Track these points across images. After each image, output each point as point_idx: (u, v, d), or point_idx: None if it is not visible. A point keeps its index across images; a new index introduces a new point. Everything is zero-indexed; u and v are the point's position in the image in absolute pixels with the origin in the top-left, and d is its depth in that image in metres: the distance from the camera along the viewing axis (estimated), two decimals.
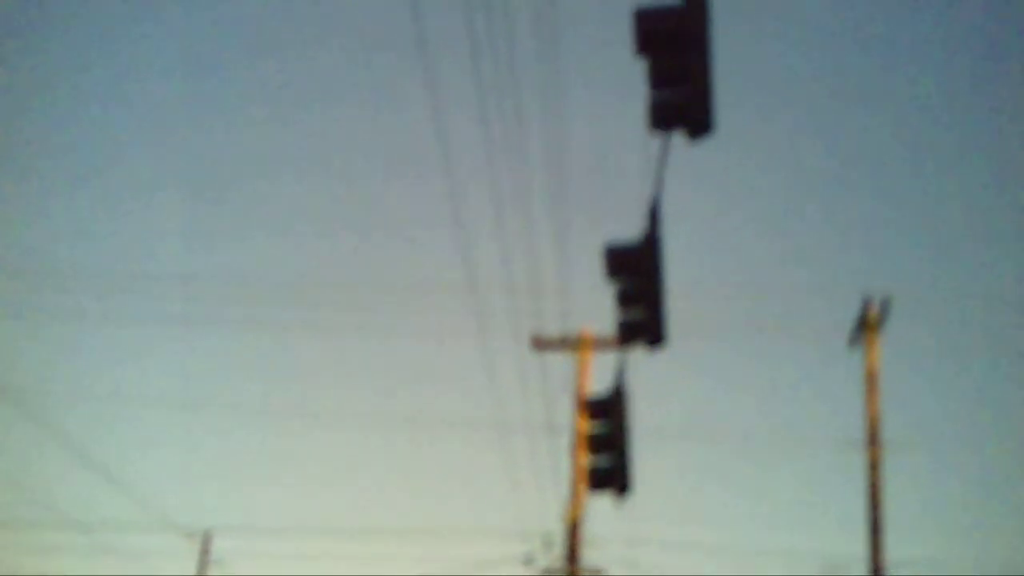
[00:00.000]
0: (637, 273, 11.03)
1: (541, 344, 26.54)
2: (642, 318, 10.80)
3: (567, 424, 26.62)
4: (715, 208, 63.12)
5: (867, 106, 62.90)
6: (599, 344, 26.55)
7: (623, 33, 9.69)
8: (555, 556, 27.37)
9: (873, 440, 24.29)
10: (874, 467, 24.16)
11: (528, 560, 28.19)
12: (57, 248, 54.93)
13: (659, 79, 9.21)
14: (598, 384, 25.84)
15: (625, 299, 11.01)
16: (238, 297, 32.18)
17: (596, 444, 16.86)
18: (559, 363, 26.86)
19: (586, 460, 18.31)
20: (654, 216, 11.57)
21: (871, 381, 24.72)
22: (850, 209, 63.00)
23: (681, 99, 8.97)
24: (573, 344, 26.63)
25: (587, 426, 17.01)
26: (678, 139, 9.86)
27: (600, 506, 26.82)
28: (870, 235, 60.67)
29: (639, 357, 16.86)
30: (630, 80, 10.08)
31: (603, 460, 16.76)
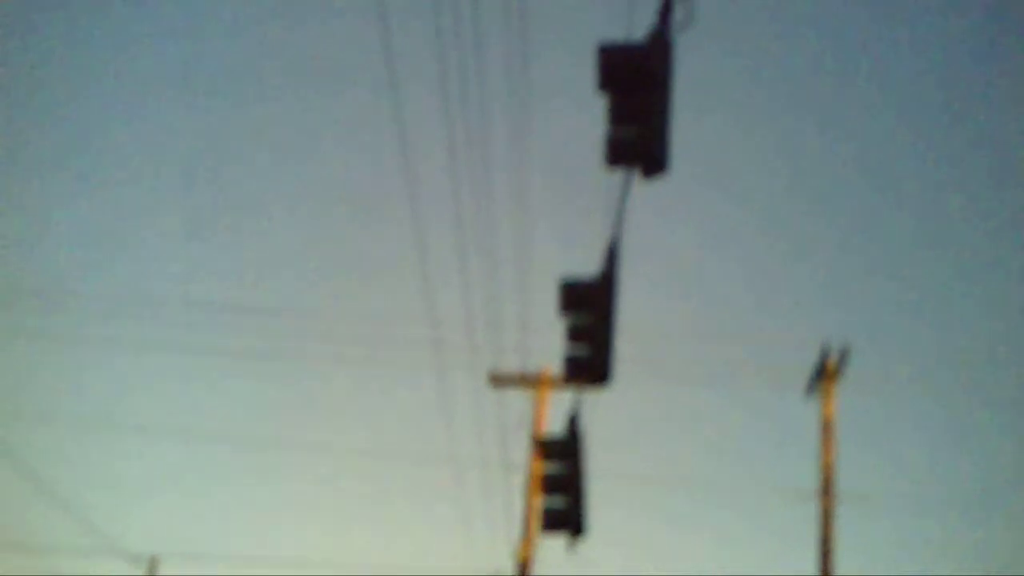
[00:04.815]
0: (590, 310, 10.98)
1: (499, 380, 26.41)
2: (588, 355, 10.75)
3: (523, 462, 26.50)
4: (676, 251, 63.32)
5: (830, 150, 63.38)
6: (558, 383, 26.45)
7: (588, 71, 9.70)
8: None
9: (827, 490, 24.26)
10: (827, 517, 24.11)
11: None
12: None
13: (618, 115, 9.20)
14: (556, 423, 25.75)
15: (575, 334, 10.97)
16: (197, 324, 31.93)
17: (551, 485, 16.81)
18: (517, 400, 26.77)
19: (540, 500, 18.20)
20: (612, 254, 11.53)
21: (827, 430, 24.72)
22: (812, 255, 63.36)
23: (637, 137, 8.95)
24: (532, 382, 26.52)
25: (542, 466, 16.94)
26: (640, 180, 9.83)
27: (552, 547, 26.64)
28: (831, 282, 61.00)
29: (596, 399, 16.81)
30: (596, 120, 10.08)
31: (558, 501, 16.73)
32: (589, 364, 10.60)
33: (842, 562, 23.73)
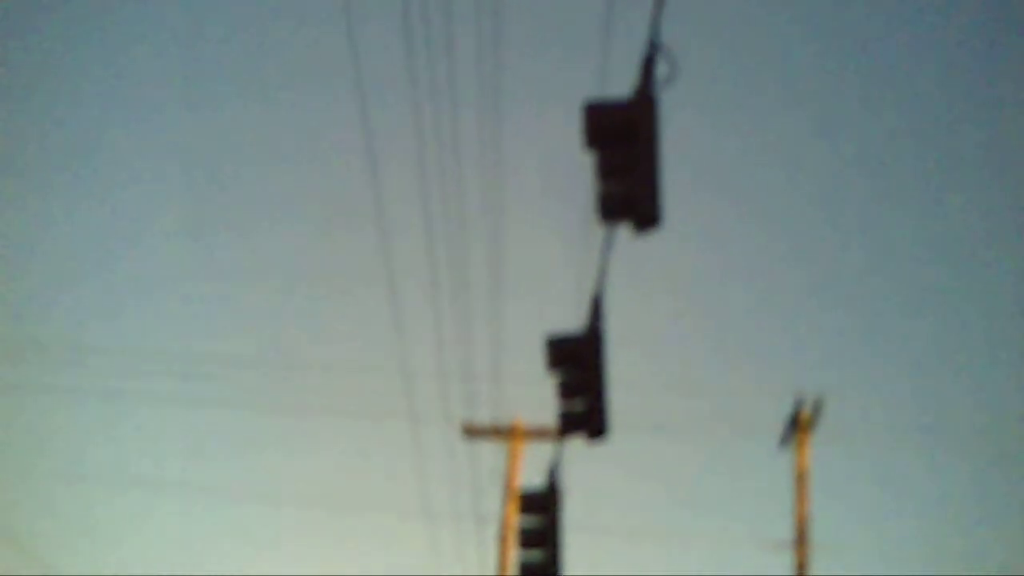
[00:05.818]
0: (580, 365, 10.98)
1: (473, 432, 26.30)
2: (584, 410, 10.76)
3: (495, 514, 26.35)
4: (647, 302, 63.45)
5: (803, 197, 63.81)
6: (532, 434, 26.36)
7: (565, 119, 9.76)
8: None
9: (801, 541, 24.25)
10: (801, 569, 24.09)
11: None
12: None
13: (607, 172, 9.25)
14: (528, 475, 25.63)
15: (567, 390, 10.96)
16: (163, 370, 31.67)
17: (529, 539, 16.75)
18: (490, 452, 26.65)
19: (515, 553, 18.11)
20: (597, 307, 11.54)
21: (801, 482, 24.75)
22: (786, 306, 63.67)
23: (629, 192, 9.01)
24: (506, 433, 26.41)
25: (519, 519, 16.85)
26: (621, 232, 9.88)
27: None
28: (805, 332, 61.24)
29: (570, 451, 16.80)
30: (569, 171, 10.13)
31: (535, 555, 16.67)
32: (586, 419, 10.60)
33: None
